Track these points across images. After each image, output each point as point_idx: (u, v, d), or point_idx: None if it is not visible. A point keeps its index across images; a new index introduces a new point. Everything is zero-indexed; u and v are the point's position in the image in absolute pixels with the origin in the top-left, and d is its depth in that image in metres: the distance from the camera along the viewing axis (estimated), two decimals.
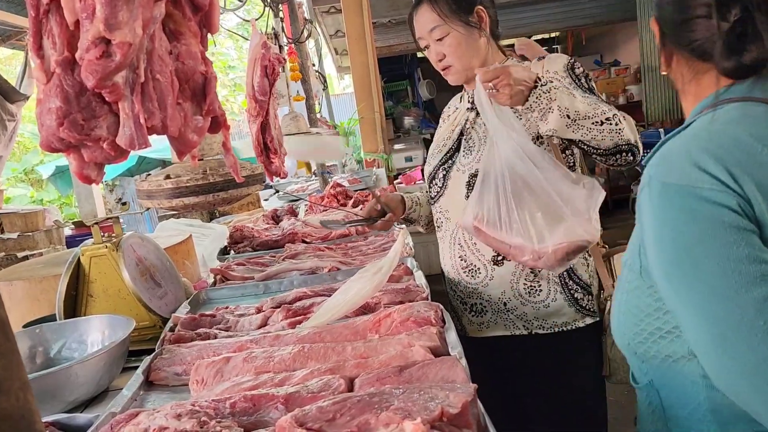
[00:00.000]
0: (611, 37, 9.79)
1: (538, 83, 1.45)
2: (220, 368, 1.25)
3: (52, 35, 0.84)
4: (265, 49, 2.17)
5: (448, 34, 1.70)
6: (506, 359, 1.72)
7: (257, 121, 2.23)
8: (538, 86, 1.44)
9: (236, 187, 1.53)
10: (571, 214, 1.40)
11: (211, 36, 1.04)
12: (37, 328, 1.53)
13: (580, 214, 1.39)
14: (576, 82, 1.65)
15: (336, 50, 9.76)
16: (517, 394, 1.83)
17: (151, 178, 1.58)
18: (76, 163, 0.88)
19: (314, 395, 1.04)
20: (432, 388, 0.88)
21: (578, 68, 1.70)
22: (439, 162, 1.82)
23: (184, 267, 2.14)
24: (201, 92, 0.95)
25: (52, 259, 2.20)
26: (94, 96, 0.84)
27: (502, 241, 1.48)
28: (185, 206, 1.53)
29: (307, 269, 2.03)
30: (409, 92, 10.10)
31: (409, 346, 1.22)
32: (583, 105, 1.47)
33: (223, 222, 3.47)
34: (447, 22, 1.69)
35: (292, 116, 3.18)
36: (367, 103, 6.57)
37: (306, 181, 5.28)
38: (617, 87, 8.73)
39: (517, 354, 1.74)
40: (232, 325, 1.59)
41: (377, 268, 1.45)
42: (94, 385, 1.31)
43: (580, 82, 1.65)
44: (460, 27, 1.69)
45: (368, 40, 6.41)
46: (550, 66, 1.70)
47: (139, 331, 1.67)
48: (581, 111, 1.45)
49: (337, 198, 3.25)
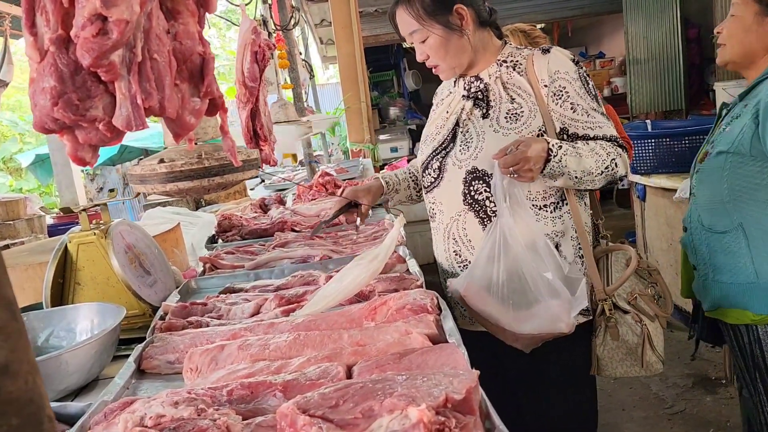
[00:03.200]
0: (597, 29, 9.83)
1: (551, 155, 1.51)
2: (215, 356, 1.23)
3: (46, 12, 0.81)
4: (255, 34, 2.13)
5: (428, 37, 1.64)
6: (497, 354, 1.71)
7: (247, 107, 2.20)
8: (551, 159, 1.52)
9: (232, 172, 1.50)
10: (555, 306, 1.51)
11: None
12: (25, 315, 1.49)
13: (562, 308, 1.51)
14: (585, 87, 1.65)
15: (321, 40, 9.68)
16: (507, 389, 1.83)
17: (144, 162, 1.55)
18: (71, 145, 0.85)
19: (313, 382, 1.03)
20: (435, 374, 0.87)
21: (582, 68, 1.69)
22: (433, 151, 1.78)
23: (173, 255, 2.11)
24: (199, 73, 0.92)
25: (37, 247, 2.16)
26: (89, 75, 0.81)
27: (486, 317, 1.61)
28: (179, 191, 1.50)
29: (298, 257, 2.01)
30: (395, 82, 10.06)
31: (406, 333, 1.21)
32: (589, 162, 1.56)
33: (210, 211, 3.43)
34: (425, 26, 1.63)
35: (281, 104, 3.15)
36: (353, 93, 6.53)
37: (292, 171, 5.24)
38: (602, 79, 8.76)
39: (507, 348, 1.73)
40: (224, 313, 1.57)
41: (373, 256, 1.43)
42: (84, 373, 1.29)
43: (588, 87, 1.66)
44: (439, 29, 1.63)
45: (355, 29, 6.36)
46: (559, 65, 1.65)
47: (129, 319, 1.64)
48: (587, 169, 1.56)
49: (326, 187, 3.22)
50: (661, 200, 3.71)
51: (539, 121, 1.63)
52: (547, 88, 1.64)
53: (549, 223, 1.67)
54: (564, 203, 1.69)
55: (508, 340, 1.63)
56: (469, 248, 1.72)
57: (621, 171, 1.63)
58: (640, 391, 3.26)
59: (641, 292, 1.68)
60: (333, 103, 8.11)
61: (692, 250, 1.86)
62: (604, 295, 1.68)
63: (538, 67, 1.65)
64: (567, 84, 1.63)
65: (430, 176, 1.80)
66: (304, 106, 3.91)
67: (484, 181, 1.66)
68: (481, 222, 1.69)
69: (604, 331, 1.68)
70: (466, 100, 1.74)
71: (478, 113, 1.70)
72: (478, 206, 1.69)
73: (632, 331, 1.66)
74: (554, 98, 1.64)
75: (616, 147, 1.62)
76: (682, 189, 3.29)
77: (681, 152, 3.56)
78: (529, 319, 1.56)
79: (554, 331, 1.55)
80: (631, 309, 1.67)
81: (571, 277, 1.54)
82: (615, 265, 1.71)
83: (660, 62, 6.62)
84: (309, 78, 5.70)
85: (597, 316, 1.70)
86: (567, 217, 1.69)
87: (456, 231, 1.74)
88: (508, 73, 1.69)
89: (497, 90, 1.69)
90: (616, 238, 1.86)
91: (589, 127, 1.64)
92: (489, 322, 1.63)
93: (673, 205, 3.52)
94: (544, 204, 1.67)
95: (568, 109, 1.63)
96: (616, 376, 1.72)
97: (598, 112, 1.65)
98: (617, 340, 1.66)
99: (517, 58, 1.71)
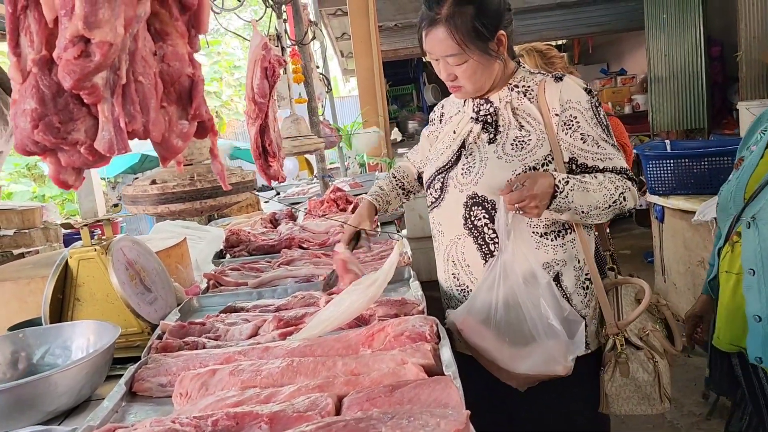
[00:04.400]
0: (618, 46, 9.74)
1: (557, 191, 1.49)
2: (205, 381, 1.21)
3: (30, 33, 0.80)
4: (265, 50, 2.13)
5: (465, 62, 1.56)
6: (497, 380, 1.65)
7: (256, 123, 2.20)
8: (558, 196, 1.49)
9: (224, 195, 1.47)
10: (553, 347, 1.49)
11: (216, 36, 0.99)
12: (21, 332, 1.48)
13: (559, 350, 1.49)
14: (596, 117, 1.61)
15: (342, 53, 9.73)
16: (509, 417, 1.76)
17: (137, 182, 1.53)
18: (53, 168, 0.83)
19: (300, 414, 1.00)
20: (423, 413, 0.83)
21: (595, 98, 1.64)
22: (436, 170, 1.74)
23: (177, 271, 2.10)
24: (187, 95, 0.90)
25: (42, 260, 2.16)
26: (71, 98, 0.79)
27: (481, 353, 1.59)
28: (171, 213, 1.48)
29: (302, 277, 1.99)
30: (414, 96, 10.07)
31: (402, 363, 1.17)
32: (596, 196, 1.54)
33: (221, 224, 3.43)
34: (465, 51, 1.54)
35: (293, 119, 3.14)
36: (371, 106, 6.54)
37: (307, 184, 5.23)
38: (623, 96, 8.66)
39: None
40: (221, 334, 1.54)
41: (371, 281, 1.40)
42: (74, 395, 1.26)
43: (599, 118, 1.61)
44: (478, 55, 1.55)
45: (374, 43, 6.38)
46: (571, 95, 1.60)
47: (127, 337, 1.63)
48: (593, 204, 1.54)
49: (337, 203, 3.20)
50: (679, 222, 3.63)
51: (546, 150, 1.59)
52: (558, 117, 1.59)
53: (550, 251, 1.62)
54: (568, 232, 1.64)
55: (503, 377, 1.60)
56: (467, 273, 1.69)
57: (629, 204, 1.59)
58: (654, 419, 3.17)
59: (653, 329, 1.61)
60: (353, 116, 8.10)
61: (762, 298, 1.55)
62: (616, 330, 1.61)
63: (549, 95, 1.61)
64: (578, 114, 1.59)
65: (431, 195, 1.77)
66: (318, 120, 3.90)
67: (484, 207, 1.62)
68: (480, 249, 1.64)
69: (614, 366, 1.61)
70: (475, 123, 1.69)
71: (485, 138, 1.66)
72: (477, 232, 1.64)
73: (643, 368, 1.60)
74: (564, 128, 1.59)
75: (625, 180, 1.58)
76: (701, 211, 3.21)
77: (700, 173, 3.48)
78: (525, 358, 1.53)
79: (550, 372, 1.52)
80: (644, 345, 1.61)
81: (570, 319, 1.50)
82: (625, 299, 1.65)
83: (682, 80, 6.53)
84: (326, 92, 5.70)
85: (607, 350, 1.63)
86: (570, 246, 1.64)
87: (455, 254, 1.70)
88: (518, 98, 1.65)
89: (506, 115, 1.65)
90: (635, 258, 1.81)
91: (599, 159, 1.60)
92: (485, 357, 1.60)
93: (692, 228, 3.43)
94: (545, 232, 1.62)
95: (578, 139, 1.59)
96: (622, 414, 1.65)
97: (609, 144, 1.61)
98: (627, 377, 1.59)
99: (529, 84, 1.66)
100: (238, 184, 1.51)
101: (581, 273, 1.65)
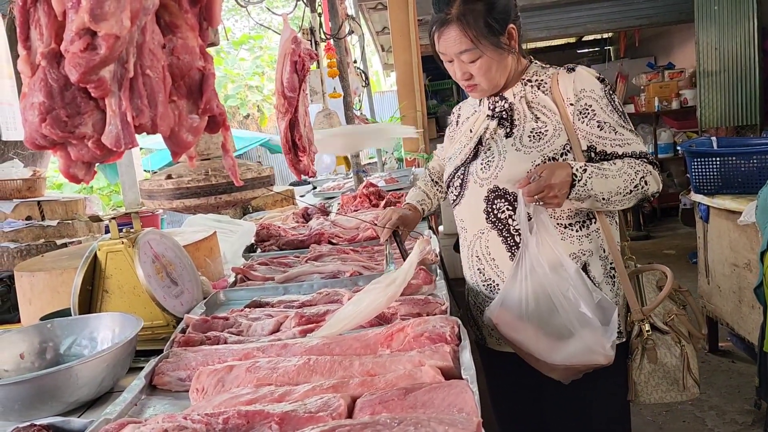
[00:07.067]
0: (666, 39, 9.42)
1: (575, 180, 1.48)
2: (222, 377, 1.20)
3: (40, 26, 0.80)
4: (295, 44, 2.11)
5: (479, 58, 1.60)
6: (527, 375, 1.64)
7: (285, 118, 2.18)
8: (576, 184, 1.48)
9: (240, 190, 1.47)
10: (588, 336, 1.45)
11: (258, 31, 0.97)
12: (49, 323, 1.51)
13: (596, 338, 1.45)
14: (611, 104, 1.61)
15: (382, 47, 9.69)
16: (538, 410, 1.79)
17: (154, 177, 1.54)
18: (63, 161, 0.83)
19: (311, 415, 0.98)
20: (431, 421, 0.80)
21: (608, 86, 1.65)
22: (455, 168, 1.77)
23: (205, 264, 2.11)
24: (198, 89, 0.89)
25: (78, 251, 2.20)
26: (79, 91, 0.79)
27: (519, 346, 1.58)
28: (186, 208, 1.48)
29: (328, 273, 1.97)
30: (453, 91, 9.96)
31: (419, 364, 1.15)
32: (616, 182, 1.52)
33: (255, 218, 3.45)
34: (479, 47, 1.57)
35: (325, 113, 3.12)
36: (409, 101, 6.48)
37: (344, 179, 5.23)
38: (670, 91, 8.37)
39: (536, 370, 1.65)
40: (244, 329, 1.54)
41: (391, 280, 1.38)
42: (96, 386, 1.28)
43: (614, 104, 1.62)
44: (491, 50, 1.59)
45: (412, 37, 6.32)
46: (584, 84, 1.61)
47: (153, 330, 1.64)
48: (614, 190, 1.52)
49: (370, 198, 3.18)
50: (724, 222, 3.48)
51: (563, 139, 1.61)
52: (573, 106, 1.61)
53: (575, 242, 1.63)
54: (592, 222, 1.65)
55: (543, 370, 1.59)
56: (492, 267, 1.70)
57: (652, 188, 1.58)
58: (694, 426, 3.06)
59: (678, 312, 1.58)
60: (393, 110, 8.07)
61: None
62: (641, 316, 1.61)
63: (563, 85, 1.63)
64: (593, 102, 1.60)
65: (452, 193, 1.80)
66: (353, 114, 3.88)
67: (506, 199, 1.64)
68: (505, 241, 1.66)
69: (641, 353, 1.61)
70: (491, 120, 1.72)
71: (501, 132, 1.68)
72: (501, 225, 1.66)
73: (671, 352, 1.60)
74: (580, 116, 1.61)
75: (645, 164, 1.57)
76: (747, 212, 3.07)
77: (748, 172, 3.33)
78: (562, 349, 1.51)
79: (590, 362, 1.49)
80: (670, 329, 1.61)
81: (602, 305, 1.47)
82: (647, 286, 1.67)
83: (733, 74, 6.27)
84: (363, 86, 5.68)
85: (633, 338, 1.64)
86: (595, 236, 1.65)
87: (479, 249, 1.71)
88: (533, 92, 1.68)
89: (522, 109, 1.67)
90: (680, 258, 1.79)
91: (618, 144, 1.60)
92: (523, 350, 1.59)
93: (738, 229, 3.29)
94: (569, 223, 1.63)
95: (594, 126, 1.60)
96: (651, 402, 1.63)
97: (626, 129, 1.61)
98: (655, 363, 1.60)
99: (541, 77, 1.69)
100: (254, 180, 1.50)
101: (607, 262, 1.66)
